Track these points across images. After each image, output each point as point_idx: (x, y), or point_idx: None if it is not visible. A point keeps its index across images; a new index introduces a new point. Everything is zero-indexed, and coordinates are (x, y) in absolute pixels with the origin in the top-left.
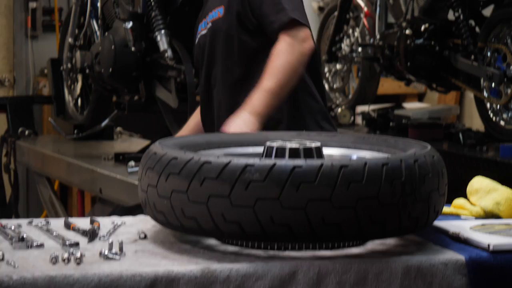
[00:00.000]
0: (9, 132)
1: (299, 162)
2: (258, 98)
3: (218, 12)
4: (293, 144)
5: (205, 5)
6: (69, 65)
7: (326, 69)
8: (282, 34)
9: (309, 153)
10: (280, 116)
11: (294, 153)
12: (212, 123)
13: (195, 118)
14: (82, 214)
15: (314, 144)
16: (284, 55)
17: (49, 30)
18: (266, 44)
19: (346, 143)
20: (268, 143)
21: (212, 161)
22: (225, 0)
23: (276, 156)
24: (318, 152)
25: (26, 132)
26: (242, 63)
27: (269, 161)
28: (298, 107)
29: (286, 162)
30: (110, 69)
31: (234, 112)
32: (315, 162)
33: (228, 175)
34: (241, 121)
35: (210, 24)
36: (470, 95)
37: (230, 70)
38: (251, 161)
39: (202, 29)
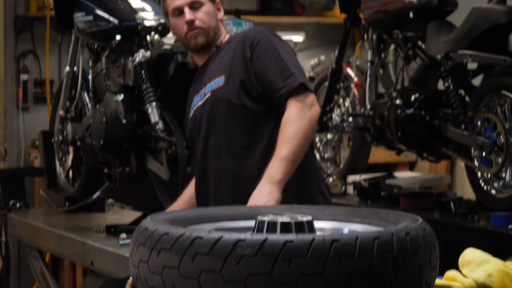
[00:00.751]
0: (0, 205)
1: (291, 236)
2: (276, 167)
3: (218, 82)
4: (285, 218)
5: (199, 78)
6: (60, 137)
7: (317, 139)
8: (292, 100)
9: (300, 227)
10: (287, 184)
11: (286, 227)
12: (206, 193)
13: (189, 191)
14: (73, 286)
15: (305, 218)
16: (296, 121)
17: (40, 102)
18: (270, 109)
19: (337, 216)
20: (259, 217)
21: (203, 236)
22: (225, 70)
23: (267, 231)
24: (310, 226)
25: (18, 205)
26: (245, 130)
27: (260, 236)
28: (303, 175)
29: (278, 237)
30: (101, 141)
31: (238, 179)
32: (306, 236)
33: (220, 250)
34: (264, 194)
35: (209, 95)
36: (461, 164)
37: (233, 138)
38: (242, 236)
39: (198, 101)
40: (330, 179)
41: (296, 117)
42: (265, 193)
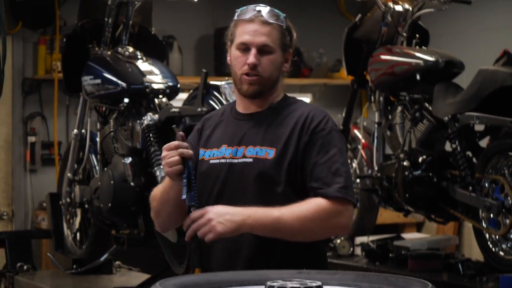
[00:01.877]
0: (7, 267)
1: None
2: (263, 216)
3: (266, 152)
4: (294, 284)
5: (235, 124)
6: (68, 200)
7: None
8: (326, 200)
9: None
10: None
11: None
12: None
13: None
14: None
15: (314, 284)
16: (314, 215)
17: (48, 164)
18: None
19: (346, 281)
20: (268, 283)
21: None
22: (277, 144)
23: None
24: None
25: (25, 267)
26: (267, 204)
27: None
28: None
29: None
30: (109, 204)
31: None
32: None
33: None
34: (226, 216)
35: (250, 160)
36: (469, 225)
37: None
38: None
39: (231, 155)
40: (338, 240)
41: (318, 214)
42: (227, 216)
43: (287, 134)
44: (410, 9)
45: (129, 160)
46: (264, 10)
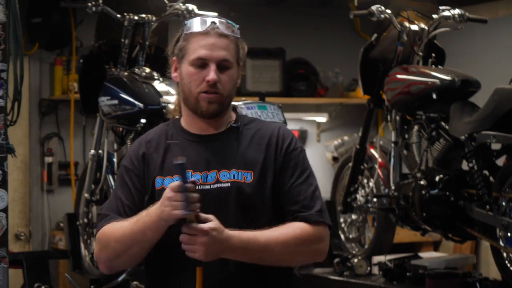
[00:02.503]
0: None
1: None
2: (247, 237)
3: (243, 176)
4: None
5: (195, 149)
6: (85, 220)
7: (341, 220)
8: (306, 224)
9: None
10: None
11: None
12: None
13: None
14: None
15: None
16: (298, 242)
17: (64, 184)
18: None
19: None
20: None
21: None
22: (253, 167)
23: None
24: None
25: (42, 287)
26: (247, 228)
27: None
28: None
29: None
30: None
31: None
32: None
33: None
34: (217, 233)
35: (228, 184)
36: (486, 243)
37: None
38: None
39: (200, 181)
40: (355, 260)
41: (303, 239)
42: (219, 234)
43: (262, 156)
44: (426, 28)
45: None
46: (219, 21)
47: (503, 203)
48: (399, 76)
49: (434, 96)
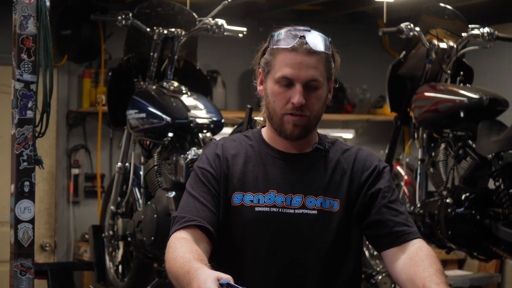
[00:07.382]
0: None
1: None
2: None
3: (330, 204)
4: None
5: (282, 169)
6: (111, 232)
7: None
8: (422, 241)
9: None
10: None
11: None
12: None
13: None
14: None
15: None
16: (436, 259)
17: (90, 196)
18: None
19: None
20: None
21: None
22: (340, 194)
23: None
24: None
25: None
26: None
27: None
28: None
29: None
30: (152, 237)
31: None
32: None
33: None
34: None
35: (315, 212)
36: (511, 262)
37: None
38: None
39: (284, 203)
40: (379, 277)
41: (434, 255)
42: None
43: (346, 182)
44: (455, 46)
45: (172, 194)
46: (309, 36)
47: None
48: (427, 93)
49: (462, 114)
